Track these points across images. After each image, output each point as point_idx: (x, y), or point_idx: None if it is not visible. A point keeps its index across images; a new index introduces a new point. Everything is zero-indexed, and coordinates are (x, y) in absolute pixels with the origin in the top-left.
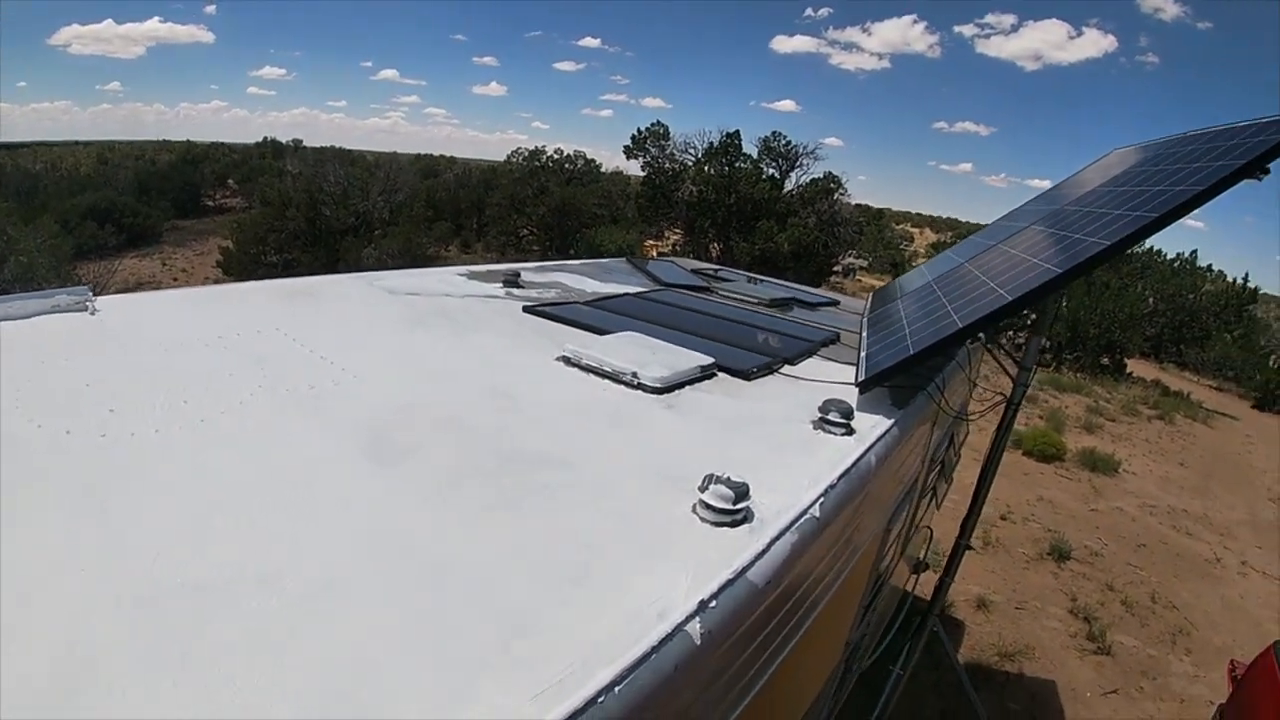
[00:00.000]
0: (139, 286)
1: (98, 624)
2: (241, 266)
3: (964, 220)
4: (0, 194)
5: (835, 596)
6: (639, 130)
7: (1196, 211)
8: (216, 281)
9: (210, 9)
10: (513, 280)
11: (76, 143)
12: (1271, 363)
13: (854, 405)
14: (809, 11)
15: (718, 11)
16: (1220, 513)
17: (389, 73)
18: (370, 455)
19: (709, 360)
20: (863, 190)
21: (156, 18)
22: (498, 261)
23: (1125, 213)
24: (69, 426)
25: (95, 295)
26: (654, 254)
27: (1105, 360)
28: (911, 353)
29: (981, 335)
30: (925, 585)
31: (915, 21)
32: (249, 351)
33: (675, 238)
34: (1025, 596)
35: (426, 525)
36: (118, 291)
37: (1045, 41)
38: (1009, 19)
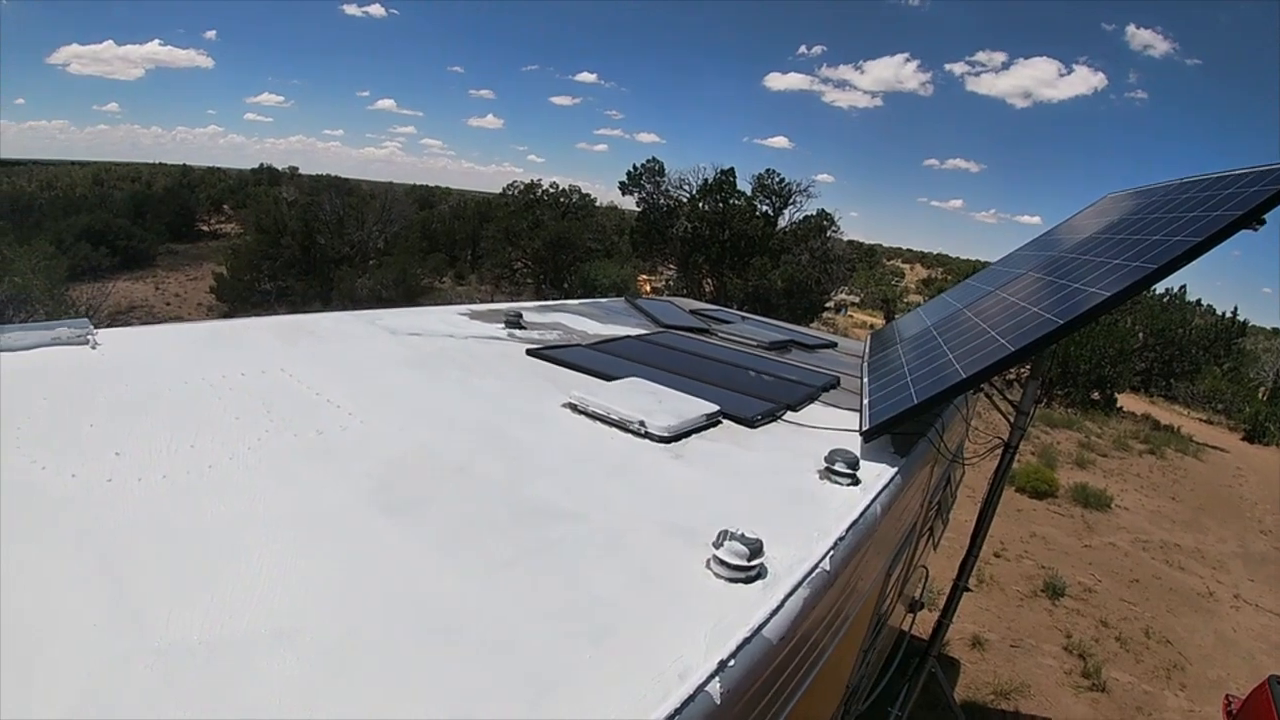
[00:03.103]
0: (131, 309)
1: (110, 684)
2: (235, 293)
3: (954, 256)
4: None
5: (839, 643)
6: (634, 166)
7: None
8: (210, 308)
9: (210, 34)
10: (515, 321)
11: (73, 162)
12: (1260, 395)
13: (858, 454)
14: (802, 49)
15: (712, 48)
16: (1212, 546)
17: (386, 103)
18: (382, 506)
19: (714, 408)
20: (854, 226)
21: (157, 40)
22: (492, 293)
23: (1124, 262)
24: (74, 470)
25: (95, 327)
26: (648, 288)
27: (1096, 395)
28: (915, 402)
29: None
30: (921, 624)
31: (907, 60)
32: (255, 393)
33: (669, 273)
34: (1020, 634)
35: (442, 581)
36: (110, 314)
37: (1035, 79)
38: (999, 56)
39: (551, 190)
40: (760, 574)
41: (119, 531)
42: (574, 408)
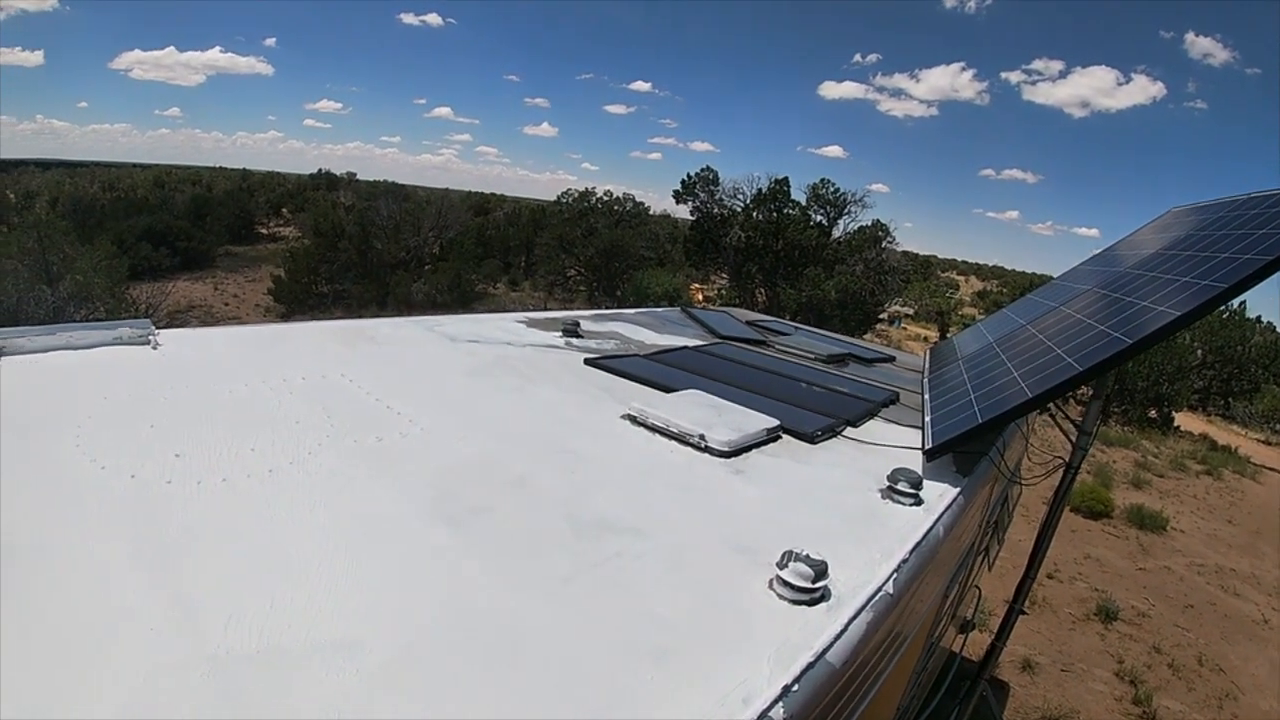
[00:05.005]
0: (190, 309)
1: (164, 689)
2: (293, 295)
3: (1009, 268)
4: (58, 212)
5: (895, 666)
6: (688, 175)
7: None
8: (267, 309)
9: (270, 41)
10: (572, 330)
11: (134, 165)
12: None
13: (921, 473)
14: (857, 58)
15: (767, 57)
16: (1269, 572)
17: (443, 110)
18: (442, 516)
19: (774, 423)
20: (909, 237)
21: (217, 47)
22: (545, 300)
23: (1193, 280)
24: (134, 470)
25: (155, 327)
26: (700, 298)
27: (1153, 413)
28: (980, 421)
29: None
30: (972, 644)
31: (963, 69)
32: (315, 397)
33: (721, 282)
34: (1071, 658)
35: (503, 595)
36: (170, 313)
37: (1093, 88)
38: (1056, 65)
39: (605, 198)
40: (824, 596)
41: (178, 535)
42: (633, 419)
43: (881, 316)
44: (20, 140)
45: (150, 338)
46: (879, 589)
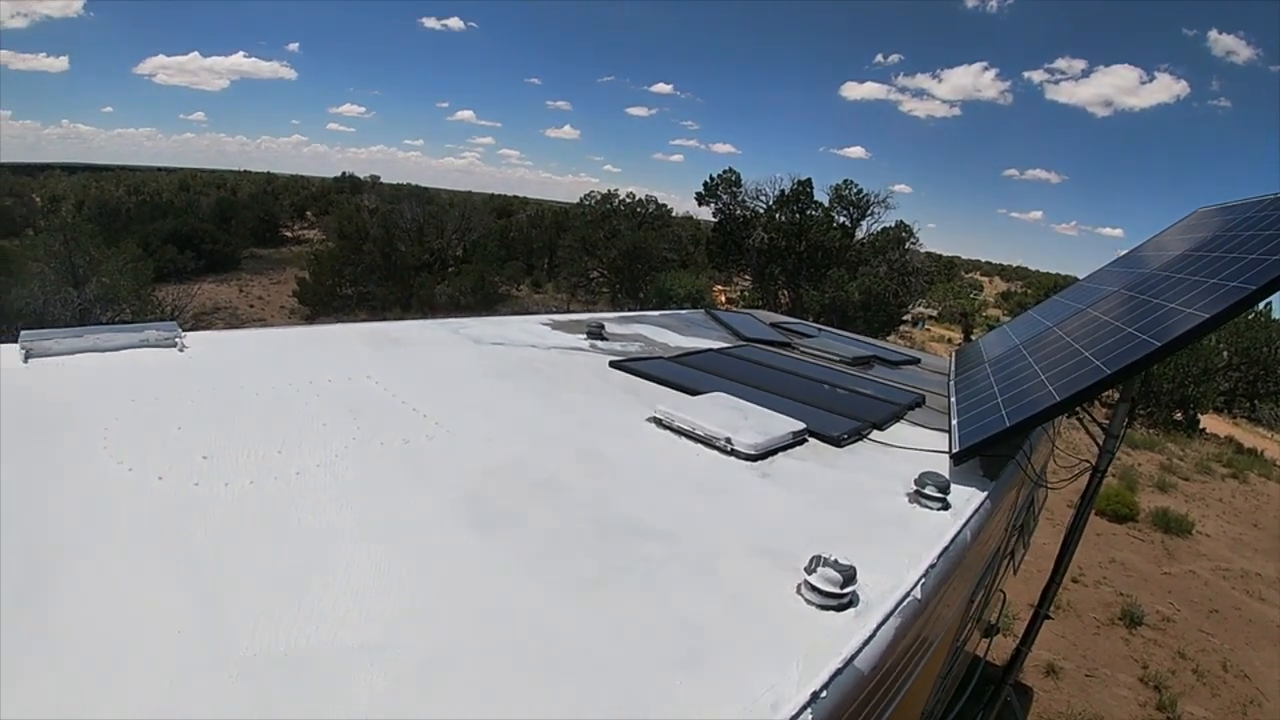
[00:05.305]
0: (216, 310)
1: (192, 691)
2: (317, 297)
3: (1033, 269)
4: (84, 215)
5: (921, 671)
6: (711, 177)
7: None
8: (292, 311)
9: (293, 47)
10: (597, 332)
11: (159, 169)
12: None
13: (948, 477)
14: (879, 58)
15: (788, 58)
16: None
17: (466, 114)
18: (470, 519)
19: (800, 425)
20: (932, 238)
21: (241, 52)
22: (568, 302)
23: (1221, 282)
24: (162, 472)
25: (181, 329)
26: (723, 299)
27: (1178, 416)
28: (1007, 425)
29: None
30: (995, 648)
31: (986, 68)
32: (341, 400)
33: (744, 284)
34: (1095, 663)
35: (532, 598)
36: (195, 314)
37: (1116, 87)
38: (1079, 64)
39: (628, 200)
40: (852, 601)
41: (206, 536)
42: (659, 422)
43: (905, 318)
44: (46, 144)
45: (176, 340)
46: (907, 594)
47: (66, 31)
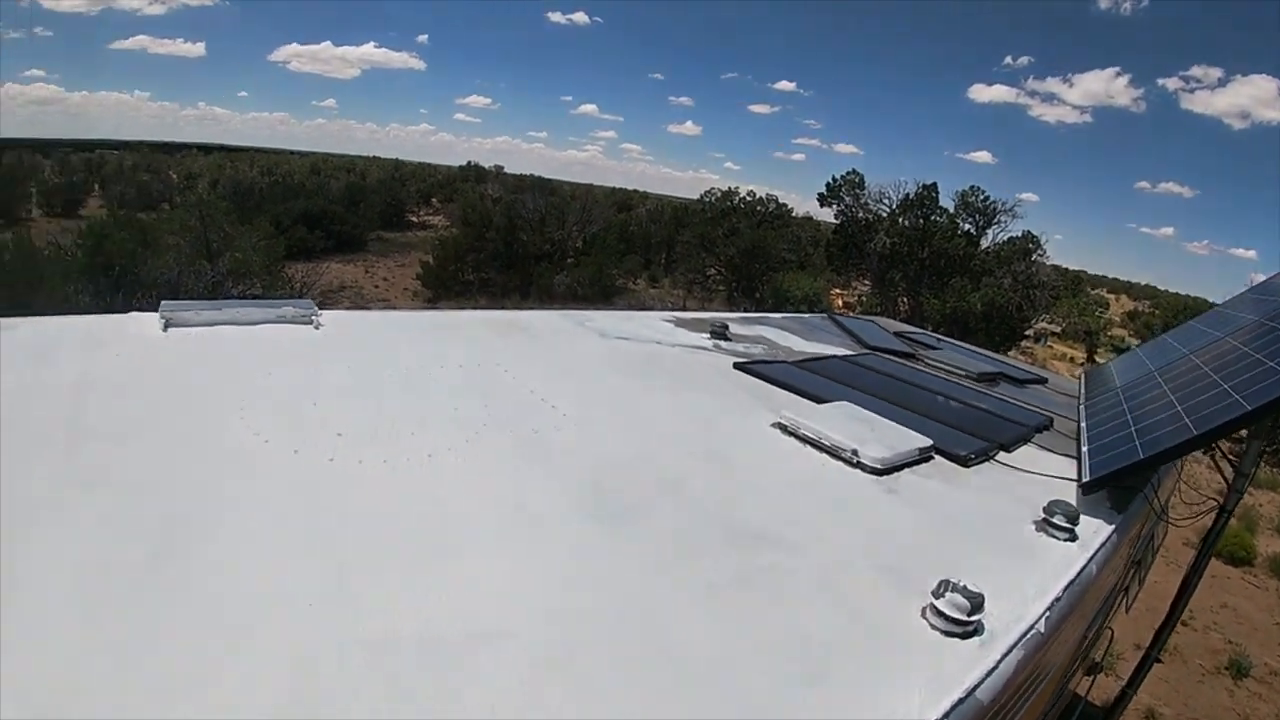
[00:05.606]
0: (342, 289)
1: (322, 664)
2: (439, 281)
3: (1162, 289)
4: (218, 193)
5: (1028, 707)
6: (834, 177)
7: None
8: (415, 293)
9: (422, 38)
10: (720, 332)
11: (291, 152)
12: None
13: (1077, 506)
14: (1008, 60)
15: (915, 57)
16: None
17: (589, 107)
18: (597, 513)
19: (927, 442)
20: (1058, 250)
21: (372, 43)
22: (684, 298)
23: None
24: (296, 446)
25: (319, 309)
26: (840, 303)
27: None
28: (1140, 457)
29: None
30: (1096, 686)
31: (1118, 74)
32: (472, 385)
33: (863, 289)
34: (1197, 713)
35: (659, 599)
36: (322, 292)
37: (1253, 98)
38: (1215, 72)
39: (748, 198)
40: (977, 630)
41: (339, 513)
42: (783, 428)
43: (1027, 333)
44: (183, 125)
45: (313, 318)
46: (1031, 627)
47: (203, 19)
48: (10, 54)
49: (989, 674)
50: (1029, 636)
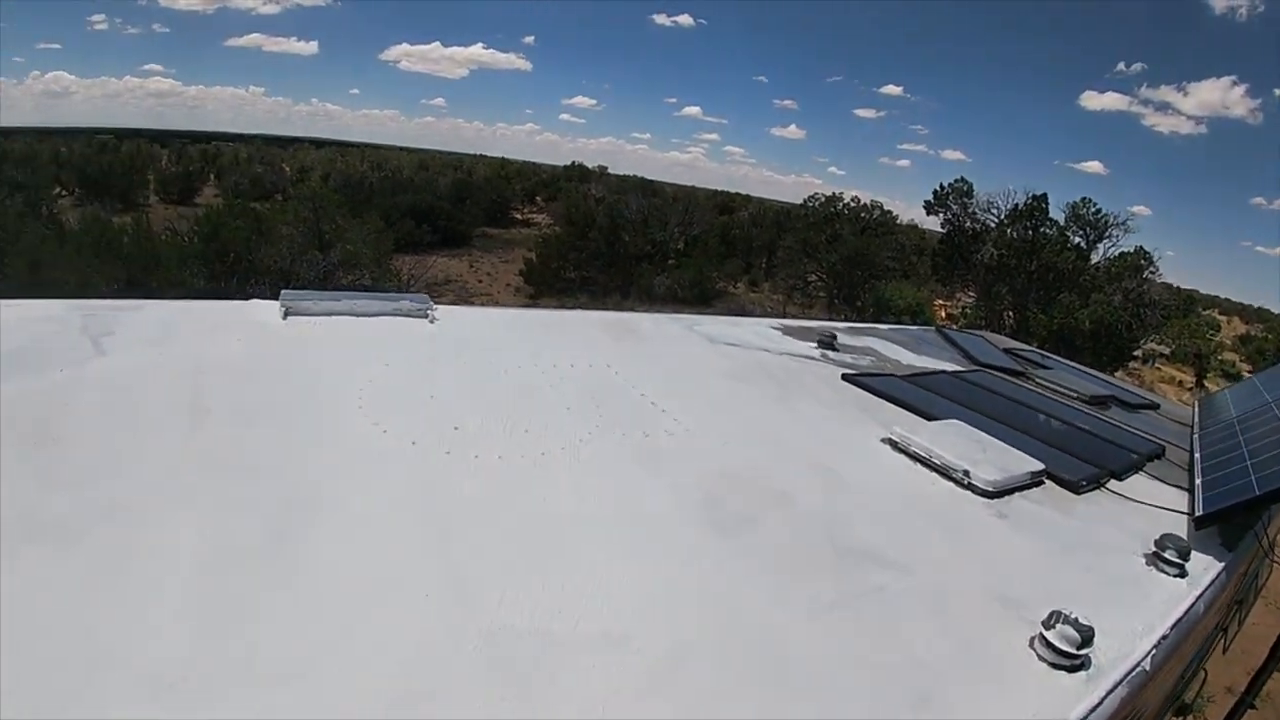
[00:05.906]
0: (447, 282)
1: (436, 655)
2: (542, 278)
3: (1276, 312)
4: (329, 186)
5: None
6: (941, 185)
7: None
8: (517, 289)
9: (529, 39)
10: (828, 342)
11: (401, 148)
12: None
13: (1188, 541)
14: (1121, 66)
15: (1025, 63)
16: None
17: (692, 110)
18: (707, 520)
19: (1039, 466)
20: (1169, 267)
21: (480, 44)
22: (784, 304)
23: None
24: (415, 437)
25: (435, 304)
26: (943, 314)
27: None
28: (1257, 493)
29: None
30: None
31: (1235, 83)
32: (584, 386)
33: (967, 300)
34: None
35: (768, 612)
36: (428, 284)
37: None
38: None
39: (852, 204)
40: (1084, 664)
41: (455, 506)
42: (893, 444)
43: (1135, 353)
44: (296, 120)
45: (429, 313)
46: (1137, 664)
47: (315, 18)
48: (129, 49)
49: (1093, 710)
50: (1134, 674)
